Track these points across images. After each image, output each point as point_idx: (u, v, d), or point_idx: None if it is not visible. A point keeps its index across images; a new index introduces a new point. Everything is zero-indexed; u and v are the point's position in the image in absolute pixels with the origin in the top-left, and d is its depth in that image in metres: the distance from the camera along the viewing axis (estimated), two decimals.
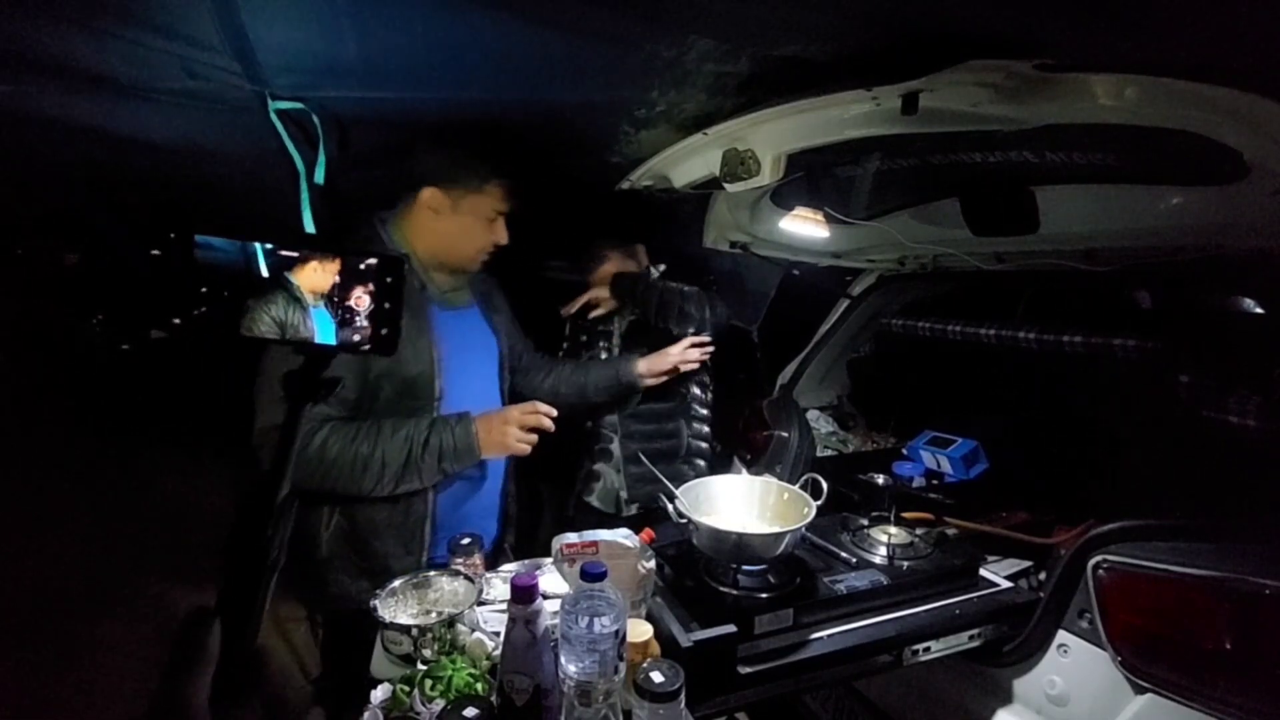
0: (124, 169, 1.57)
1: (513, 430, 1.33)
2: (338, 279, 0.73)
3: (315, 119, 1.24)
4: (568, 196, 1.92)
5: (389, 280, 0.72)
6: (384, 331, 0.73)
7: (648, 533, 1.30)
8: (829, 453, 2.30)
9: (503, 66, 1.14)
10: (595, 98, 1.29)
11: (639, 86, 1.23)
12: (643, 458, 1.51)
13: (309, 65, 1.10)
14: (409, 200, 1.37)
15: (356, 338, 0.73)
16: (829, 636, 1.19)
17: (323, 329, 0.73)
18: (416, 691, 0.96)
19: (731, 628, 1.11)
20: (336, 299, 0.72)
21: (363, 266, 0.73)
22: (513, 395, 1.61)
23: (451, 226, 1.36)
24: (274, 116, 1.20)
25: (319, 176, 1.31)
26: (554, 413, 1.38)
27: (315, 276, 0.72)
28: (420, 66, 1.12)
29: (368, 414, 1.32)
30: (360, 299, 0.72)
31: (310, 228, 1.36)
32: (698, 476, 1.47)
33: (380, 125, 1.37)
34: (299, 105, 1.20)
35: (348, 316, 0.73)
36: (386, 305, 0.73)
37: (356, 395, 1.30)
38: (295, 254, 0.73)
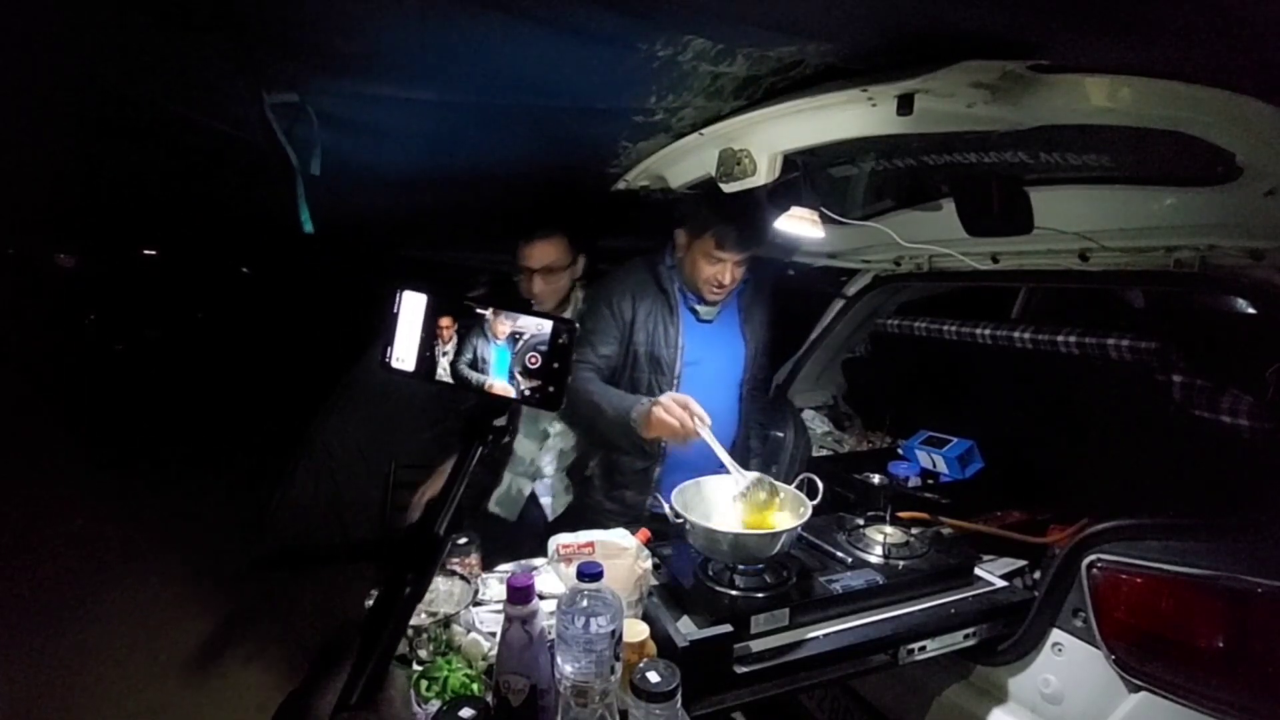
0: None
1: (664, 414, 1.43)
2: (518, 335, 0.80)
3: (311, 111, 1.23)
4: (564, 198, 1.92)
5: (560, 342, 0.78)
6: (551, 390, 0.79)
7: (644, 532, 1.31)
8: (825, 453, 2.30)
9: (501, 67, 1.13)
10: (593, 104, 1.29)
11: (637, 92, 1.23)
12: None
13: (305, 59, 1.09)
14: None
15: (527, 391, 0.80)
16: (825, 636, 1.20)
17: (500, 367, 0.80)
18: (412, 692, 0.96)
19: (728, 627, 1.11)
20: (516, 352, 0.80)
21: (539, 328, 0.79)
22: None
23: (688, 260, 1.72)
24: (269, 111, 1.19)
25: (315, 168, 1.30)
26: (691, 414, 1.41)
27: (500, 323, 0.81)
28: (418, 64, 1.11)
29: (624, 375, 1.75)
30: (534, 358, 0.79)
31: (308, 222, 1.36)
32: None
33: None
34: (294, 98, 1.19)
35: (523, 370, 0.80)
36: (555, 365, 0.78)
37: (617, 362, 1.75)
38: (484, 312, 0.81)
